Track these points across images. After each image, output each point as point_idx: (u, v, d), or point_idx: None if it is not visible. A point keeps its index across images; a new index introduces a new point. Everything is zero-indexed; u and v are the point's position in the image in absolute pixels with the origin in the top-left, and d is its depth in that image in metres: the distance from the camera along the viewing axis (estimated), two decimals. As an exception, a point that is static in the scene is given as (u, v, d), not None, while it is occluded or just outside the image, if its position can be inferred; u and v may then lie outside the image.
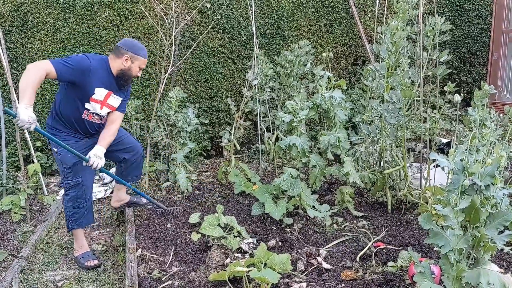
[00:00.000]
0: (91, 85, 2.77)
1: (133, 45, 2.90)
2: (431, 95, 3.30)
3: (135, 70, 2.90)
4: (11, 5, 4.26)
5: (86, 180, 2.90)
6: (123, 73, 2.88)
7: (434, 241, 1.83)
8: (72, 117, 2.84)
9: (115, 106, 2.96)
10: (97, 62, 2.82)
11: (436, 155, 1.87)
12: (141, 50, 2.91)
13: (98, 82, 2.79)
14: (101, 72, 2.82)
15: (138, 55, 2.88)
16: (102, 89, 2.83)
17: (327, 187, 3.91)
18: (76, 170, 2.83)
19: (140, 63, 2.91)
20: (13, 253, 3.05)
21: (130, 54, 2.85)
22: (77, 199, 2.88)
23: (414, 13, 3.09)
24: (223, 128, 4.92)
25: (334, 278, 2.40)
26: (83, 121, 2.87)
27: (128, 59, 2.85)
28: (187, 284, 2.42)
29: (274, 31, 5.14)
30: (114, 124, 3.00)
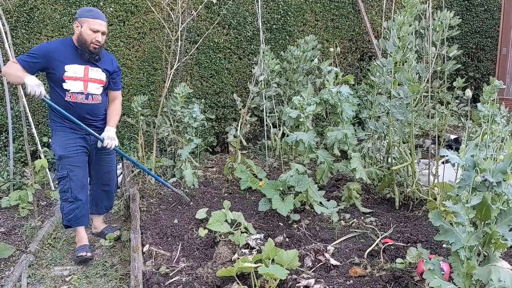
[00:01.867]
0: (60, 64, 2.78)
1: (82, 10, 2.88)
2: (439, 91, 3.27)
3: (86, 34, 2.79)
4: (18, 1, 4.26)
5: (73, 176, 2.86)
6: (78, 41, 2.82)
7: (444, 238, 1.82)
8: (61, 102, 2.83)
9: (101, 79, 2.93)
10: (59, 42, 2.88)
11: (446, 151, 1.85)
12: (88, 12, 2.85)
13: (65, 59, 2.79)
14: (66, 49, 2.82)
15: (85, 17, 2.81)
16: (75, 65, 2.82)
17: (334, 183, 3.90)
18: (63, 163, 2.85)
19: (90, 24, 2.79)
20: (21, 248, 3.06)
21: (78, 19, 2.81)
22: (63, 192, 2.88)
23: (422, 8, 3.05)
24: (229, 124, 4.91)
25: (342, 274, 2.39)
26: (71, 105, 2.84)
27: (78, 24, 2.81)
28: (195, 280, 2.42)
29: (280, 26, 5.11)
30: (115, 101, 3.10)
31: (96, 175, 3.15)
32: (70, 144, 2.87)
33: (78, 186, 2.89)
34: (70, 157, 2.85)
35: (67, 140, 2.87)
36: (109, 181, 3.21)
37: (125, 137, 4.72)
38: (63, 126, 2.89)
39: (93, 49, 2.84)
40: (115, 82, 3.07)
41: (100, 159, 3.09)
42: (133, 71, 4.68)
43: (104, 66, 2.96)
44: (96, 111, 2.96)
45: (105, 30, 2.88)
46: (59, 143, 2.87)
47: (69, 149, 2.86)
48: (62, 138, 2.87)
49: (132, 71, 4.68)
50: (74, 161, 2.86)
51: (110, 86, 3.07)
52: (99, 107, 3.00)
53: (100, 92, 2.95)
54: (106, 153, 3.08)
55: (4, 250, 2.92)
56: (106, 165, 3.14)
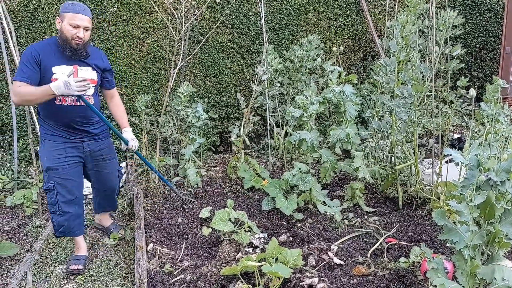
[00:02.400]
0: (46, 67, 2.57)
1: (63, 5, 2.64)
2: (442, 90, 3.27)
3: (67, 30, 2.57)
4: (22, 1, 4.27)
5: (60, 189, 2.70)
6: (60, 38, 2.61)
7: (448, 237, 1.82)
8: (49, 107, 2.62)
9: (93, 78, 2.73)
10: (43, 42, 2.67)
11: (450, 150, 1.85)
12: (69, 6, 2.61)
13: (52, 60, 2.58)
14: (51, 49, 2.61)
15: (66, 11, 2.58)
16: (62, 66, 2.60)
17: (337, 182, 3.90)
18: (50, 175, 2.68)
19: (69, 19, 2.56)
20: (26, 247, 3.08)
21: (60, 14, 2.61)
22: (51, 204, 2.73)
23: (425, 7, 3.05)
24: (232, 123, 4.92)
25: (346, 273, 2.40)
26: (62, 109, 2.62)
27: (59, 20, 2.61)
28: (199, 278, 2.44)
29: (283, 26, 5.11)
30: (114, 99, 2.99)
31: (97, 182, 3.02)
32: (59, 155, 2.68)
33: (67, 199, 2.73)
34: (58, 169, 2.67)
35: (55, 151, 2.68)
36: (111, 187, 3.08)
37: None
38: (53, 134, 2.70)
39: (75, 46, 2.60)
40: (108, 81, 2.90)
41: (98, 165, 2.92)
42: (136, 71, 4.70)
43: (93, 61, 2.75)
44: (89, 114, 2.73)
45: (88, 26, 2.64)
46: (46, 153, 2.68)
47: (57, 161, 2.68)
48: (50, 148, 2.68)
49: (135, 71, 4.69)
50: (62, 174, 2.68)
51: (105, 85, 2.90)
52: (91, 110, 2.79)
53: (92, 92, 2.74)
54: (104, 158, 2.92)
55: (9, 249, 2.94)
56: (105, 171, 2.98)
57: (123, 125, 2.92)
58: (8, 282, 2.67)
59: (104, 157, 2.91)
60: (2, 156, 4.27)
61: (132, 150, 2.89)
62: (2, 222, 3.45)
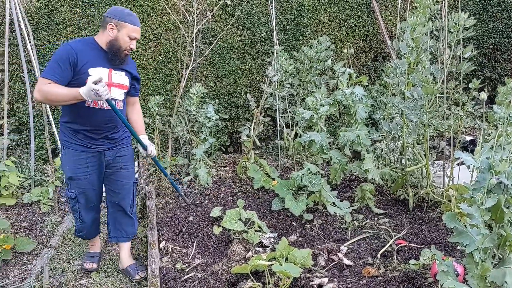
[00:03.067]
0: (83, 68, 2.44)
1: (119, 11, 2.51)
2: (454, 92, 3.26)
3: (123, 40, 2.50)
4: (39, 3, 4.36)
5: (81, 199, 2.66)
6: (112, 45, 2.50)
7: (458, 240, 1.83)
8: (76, 110, 2.50)
9: (125, 83, 2.63)
10: (80, 42, 2.53)
11: (461, 153, 1.86)
12: (128, 16, 2.51)
13: (90, 62, 2.46)
14: (89, 51, 2.49)
15: (124, 21, 2.48)
16: (99, 68, 2.49)
17: (347, 184, 3.91)
18: (72, 184, 2.63)
19: (129, 31, 2.49)
20: (42, 243, 3.16)
21: (115, 21, 2.48)
22: (74, 210, 2.74)
23: (435, 8, 3.05)
24: (242, 124, 4.96)
25: (355, 274, 2.42)
26: (91, 111, 2.51)
27: (114, 27, 2.48)
28: (210, 276, 2.48)
29: (293, 27, 5.13)
30: (136, 106, 2.85)
31: (111, 193, 2.79)
32: (80, 165, 2.59)
33: (87, 208, 2.73)
34: (79, 179, 2.61)
35: (77, 161, 2.58)
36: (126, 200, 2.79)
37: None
38: (75, 143, 2.58)
39: (124, 56, 2.57)
40: (135, 88, 2.80)
41: (114, 173, 2.73)
42: (149, 72, 4.76)
43: (127, 67, 2.66)
44: (116, 119, 2.61)
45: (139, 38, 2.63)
46: (69, 163, 2.60)
47: (79, 171, 2.59)
48: (72, 158, 2.58)
49: (148, 72, 4.76)
50: (83, 184, 2.62)
51: (131, 92, 2.77)
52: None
53: (122, 98, 2.65)
54: (122, 167, 2.75)
55: (27, 244, 3.02)
56: (120, 181, 2.75)
57: (140, 132, 2.81)
58: (26, 276, 2.74)
59: (122, 165, 2.74)
60: (20, 154, 4.37)
61: (151, 156, 2.81)
62: (19, 219, 3.53)
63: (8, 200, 3.66)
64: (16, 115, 4.54)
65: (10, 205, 3.68)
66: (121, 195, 2.77)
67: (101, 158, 2.64)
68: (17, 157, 4.21)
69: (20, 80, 4.40)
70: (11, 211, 3.66)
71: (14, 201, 3.71)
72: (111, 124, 2.61)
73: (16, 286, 2.63)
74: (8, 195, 3.67)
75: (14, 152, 4.39)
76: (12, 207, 3.71)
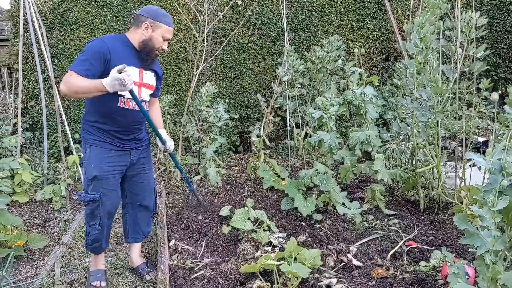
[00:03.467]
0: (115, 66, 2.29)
1: (154, 11, 2.45)
2: (467, 92, 3.22)
3: (157, 41, 2.44)
4: (52, 3, 4.43)
5: (106, 201, 2.48)
6: (145, 45, 2.43)
7: (469, 242, 1.81)
8: (107, 111, 2.41)
9: (153, 84, 2.58)
10: (113, 39, 2.44)
11: (473, 154, 1.84)
12: (164, 17, 2.45)
13: (123, 60, 2.34)
14: (122, 49, 2.41)
15: (160, 21, 2.42)
16: (132, 67, 2.39)
17: (357, 184, 3.89)
18: (96, 185, 2.44)
19: (163, 32, 2.44)
20: (54, 240, 3.21)
21: (150, 21, 2.41)
22: (91, 217, 2.50)
23: (446, 7, 3.01)
24: (252, 124, 4.97)
25: (365, 275, 2.40)
26: (122, 112, 2.42)
27: (148, 27, 2.41)
28: (219, 275, 2.48)
29: (304, 27, 5.12)
30: (156, 104, 2.79)
31: (132, 196, 2.69)
32: (108, 164, 2.45)
33: (110, 213, 2.55)
34: (106, 179, 2.45)
35: (106, 158, 2.45)
36: (148, 200, 2.74)
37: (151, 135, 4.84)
38: (102, 141, 2.46)
39: (155, 57, 2.51)
40: (158, 88, 2.72)
41: (137, 175, 2.65)
42: (160, 71, 4.80)
43: (155, 68, 2.60)
44: (142, 119, 2.55)
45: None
46: (95, 161, 2.43)
47: (107, 170, 2.45)
48: (100, 156, 2.44)
49: (159, 71, 4.79)
50: (109, 184, 2.47)
51: (154, 92, 2.67)
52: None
53: (149, 98, 2.59)
54: (145, 168, 2.68)
55: (39, 241, 3.07)
56: (143, 182, 2.68)
57: (159, 126, 2.75)
58: (38, 272, 2.78)
59: (144, 167, 2.67)
60: (33, 152, 4.44)
61: (169, 151, 2.72)
62: (32, 216, 3.59)
63: (22, 197, 3.72)
64: (29, 114, 4.63)
65: (23, 202, 3.74)
66: (143, 195, 2.71)
67: (127, 158, 2.55)
68: (30, 155, 4.28)
69: (34, 80, 4.47)
70: (24, 208, 3.72)
71: (27, 198, 3.77)
72: (139, 125, 2.57)
73: (28, 282, 2.67)
74: (22, 192, 3.74)
75: (27, 150, 4.47)
76: (25, 204, 3.77)
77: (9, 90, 4.54)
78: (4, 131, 4.09)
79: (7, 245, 2.92)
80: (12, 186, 3.63)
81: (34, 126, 4.68)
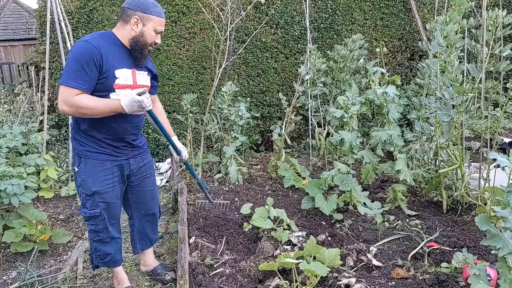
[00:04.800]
0: (109, 70, 2.12)
1: (142, 2, 2.16)
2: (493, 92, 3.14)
3: (149, 35, 2.18)
4: (79, 3, 4.56)
5: (107, 214, 2.32)
6: (136, 41, 2.18)
7: (491, 243, 1.77)
8: (107, 119, 2.18)
9: (147, 84, 2.34)
10: (100, 38, 2.15)
11: (496, 154, 1.80)
12: (154, 7, 2.18)
13: (114, 62, 2.13)
14: (113, 49, 2.16)
15: (150, 13, 2.16)
16: (124, 69, 2.18)
17: (379, 184, 3.85)
18: (95, 199, 2.25)
19: (155, 24, 2.18)
20: (78, 235, 3.30)
21: (140, 14, 2.15)
22: (97, 232, 2.35)
23: (470, 5, 2.94)
24: (274, 123, 4.98)
25: (384, 275, 2.38)
26: (120, 119, 2.21)
27: (138, 21, 2.15)
28: (238, 272, 2.51)
29: (328, 26, 5.09)
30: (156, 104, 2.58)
31: (138, 205, 2.56)
32: (105, 177, 2.26)
33: (114, 224, 2.41)
34: (105, 193, 2.27)
35: (102, 171, 2.24)
36: (154, 208, 2.63)
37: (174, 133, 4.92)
38: (97, 152, 2.24)
39: (148, 53, 2.26)
40: (154, 86, 2.50)
41: (140, 184, 2.49)
42: (183, 70, 4.86)
43: (147, 65, 2.36)
44: (140, 124, 2.38)
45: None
46: (92, 175, 2.22)
47: (104, 183, 2.25)
48: (95, 169, 2.23)
49: (182, 70, 4.86)
50: (109, 198, 2.29)
51: (151, 91, 2.47)
52: (143, 118, 2.41)
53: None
54: (147, 175, 2.51)
55: (63, 236, 3.17)
56: (146, 190, 2.53)
57: (169, 132, 2.56)
58: (61, 267, 2.88)
59: (146, 174, 2.51)
60: (59, 149, 4.58)
61: (184, 160, 2.58)
62: (57, 211, 3.71)
63: (47, 193, 3.85)
64: (55, 112, 4.77)
65: (48, 198, 3.86)
66: (150, 203, 2.58)
67: (126, 167, 2.36)
68: (56, 152, 4.42)
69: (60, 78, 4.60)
70: (49, 204, 3.84)
71: (52, 194, 3.90)
72: (136, 131, 2.35)
73: (51, 276, 2.76)
74: (47, 188, 3.86)
75: (53, 147, 4.61)
76: (50, 200, 3.90)
77: (36, 88, 4.70)
78: (31, 128, 4.24)
79: (32, 239, 3.03)
80: (38, 182, 3.75)
81: (60, 124, 4.82)
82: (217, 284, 2.41)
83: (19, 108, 4.73)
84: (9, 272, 2.83)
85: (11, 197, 3.01)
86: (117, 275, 2.56)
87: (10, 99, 5.56)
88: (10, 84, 6.87)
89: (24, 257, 2.96)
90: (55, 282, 2.69)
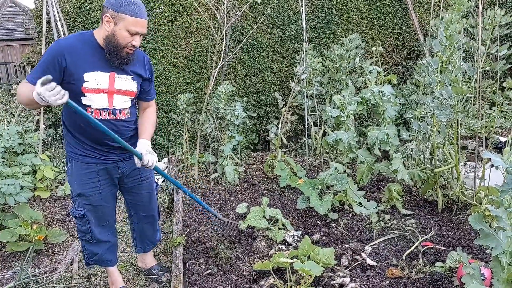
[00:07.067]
0: (76, 73, 2.00)
1: (117, 1, 2.00)
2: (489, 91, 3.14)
3: (121, 36, 2.00)
4: (75, 3, 4.54)
5: (91, 217, 2.28)
6: (108, 42, 2.02)
7: (484, 242, 1.77)
8: (74, 121, 2.12)
9: (130, 89, 2.16)
10: (73, 38, 2.05)
11: (490, 153, 1.80)
12: (127, 5, 1.99)
13: (83, 65, 2.01)
14: (85, 50, 2.03)
15: (122, 12, 1.98)
16: (97, 72, 2.04)
17: (374, 183, 3.85)
18: (80, 201, 2.24)
19: (128, 25, 1.99)
20: (73, 235, 3.29)
21: (111, 12, 1.99)
22: (82, 232, 2.33)
23: (470, 5, 2.94)
24: (270, 122, 4.97)
25: (379, 275, 2.38)
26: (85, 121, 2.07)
27: (110, 19, 2.00)
28: (232, 272, 2.50)
29: (324, 25, 5.09)
30: (149, 109, 2.37)
31: (135, 207, 2.50)
32: (91, 180, 2.20)
33: (100, 227, 2.34)
34: (89, 196, 2.22)
35: (88, 174, 2.19)
36: (152, 210, 2.55)
37: (171, 133, 4.92)
38: (83, 154, 2.18)
39: (125, 55, 2.07)
40: (147, 92, 2.30)
41: (135, 186, 2.40)
42: (179, 70, 4.86)
43: (134, 68, 2.17)
44: (123, 129, 2.20)
45: (145, 32, 2.09)
46: (76, 177, 2.20)
47: (89, 186, 2.21)
48: (80, 171, 2.19)
49: (178, 70, 4.85)
50: (93, 200, 2.24)
51: (141, 97, 2.29)
52: (128, 123, 2.24)
53: (129, 105, 2.20)
54: (143, 178, 2.40)
55: (59, 236, 3.15)
56: (142, 192, 2.44)
57: (142, 135, 2.26)
58: (57, 266, 2.87)
59: (141, 176, 2.40)
60: (55, 149, 4.57)
61: (147, 166, 2.18)
62: (53, 211, 3.70)
63: (43, 192, 3.84)
64: (52, 111, 4.75)
65: (44, 197, 3.85)
66: (146, 206, 2.50)
67: (114, 170, 2.27)
68: (52, 152, 4.41)
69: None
70: (45, 203, 3.83)
71: (48, 193, 3.89)
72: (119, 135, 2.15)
73: (47, 275, 2.75)
74: (43, 188, 3.85)
75: (49, 146, 4.60)
76: (47, 199, 3.89)
77: (34, 88, 4.68)
78: (27, 127, 4.22)
79: (27, 239, 3.02)
80: (34, 181, 3.74)
81: (56, 123, 4.81)
82: (211, 283, 2.41)
83: (15, 108, 4.72)
84: (4, 272, 2.83)
85: (6, 197, 3.01)
86: (111, 276, 2.55)
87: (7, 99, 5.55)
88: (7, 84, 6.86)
89: (20, 256, 2.96)
90: (50, 282, 2.68)
